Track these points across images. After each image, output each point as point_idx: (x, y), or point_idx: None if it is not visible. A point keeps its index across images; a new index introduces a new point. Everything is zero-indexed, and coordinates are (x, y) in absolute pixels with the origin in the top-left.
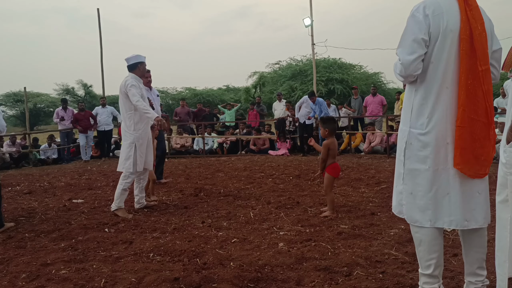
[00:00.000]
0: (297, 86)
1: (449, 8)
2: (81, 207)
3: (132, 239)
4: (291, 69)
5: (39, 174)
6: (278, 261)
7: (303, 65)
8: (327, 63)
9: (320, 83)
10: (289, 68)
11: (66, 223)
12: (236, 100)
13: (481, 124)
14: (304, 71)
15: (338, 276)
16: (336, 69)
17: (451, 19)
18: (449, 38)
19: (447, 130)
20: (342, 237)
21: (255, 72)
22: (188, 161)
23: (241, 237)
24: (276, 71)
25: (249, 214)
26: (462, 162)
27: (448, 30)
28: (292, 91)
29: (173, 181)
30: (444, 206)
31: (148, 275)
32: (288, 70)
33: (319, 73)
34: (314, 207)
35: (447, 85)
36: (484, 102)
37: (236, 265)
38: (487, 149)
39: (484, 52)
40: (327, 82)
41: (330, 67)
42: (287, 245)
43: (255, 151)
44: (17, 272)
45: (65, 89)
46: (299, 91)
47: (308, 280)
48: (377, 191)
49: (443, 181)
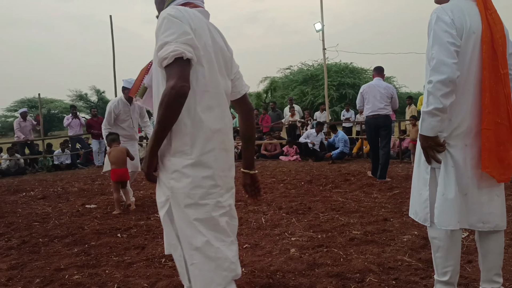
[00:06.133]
0: (309, 90)
1: (470, 10)
2: (94, 212)
3: (144, 244)
4: (302, 74)
5: (53, 179)
6: (290, 267)
7: (314, 70)
8: (339, 68)
9: (332, 87)
10: (300, 73)
11: (79, 228)
12: None
13: (505, 128)
14: (316, 76)
15: (351, 282)
16: (348, 73)
17: (473, 22)
18: (472, 39)
19: (467, 132)
20: (355, 243)
21: (266, 77)
22: None
23: (252, 242)
24: (287, 76)
25: (261, 219)
26: (490, 165)
27: (471, 31)
28: (303, 96)
29: None
30: (462, 207)
31: (160, 280)
32: (300, 75)
33: (331, 77)
34: (326, 212)
35: (469, 87)
36: (506, 106)
37: (247, 271)
38: (510, 153)
39: (504, 55)
40: (338, 86)
41: (341, 71)
42: (299, 251)
43: (266, 156)
44: (31, 277)
45: (78, 95)
46: (311, 96)
47: (320, 286)
48: (390, 197)
49: (462, 183)
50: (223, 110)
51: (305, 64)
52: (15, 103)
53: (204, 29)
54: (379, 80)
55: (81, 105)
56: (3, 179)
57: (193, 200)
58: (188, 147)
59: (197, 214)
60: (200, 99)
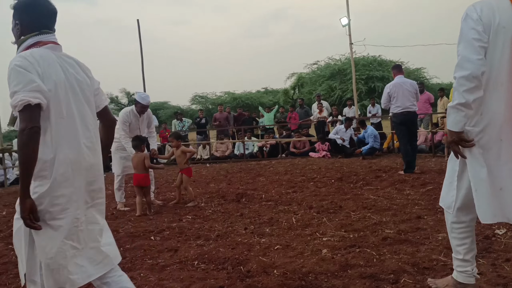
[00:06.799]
0: (336, 85)
1: (500, 5)
2: (127, 215)
3: (177, 247)
4: (330, 68)
5: None
6: (322, 269)
7: (341, 64)
8: (367, 61)
9: (360, 81)
10: (327, 68)
11: (114, 231)
12: (275, 103)
13: None
14: (343, 70)
15: (385, 283)
16: (376, 66)
17: (503, 16)
18: (501, 34)
19: (501, 127)
20: (388, 242)
21: (293, 73)
22: (229, 166)
23: (283, 243)
24: (315, 72)
25: (291, 219)
26: None
27: (500, 26)
28: (331, 91)
29: (215, 186)
30: (498, 201)
31: (193, 283)
32: (327, 70)
33: (359, 71)
34: (357, 211)
35: (501, 82)
36: None
37: (279, 272)
38: None
39: None
40: (367, 80)
41: (369, 65)
42: (331, 252)
43: (295, 154)
44: None
45: (109, 98)
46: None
47: None
48: (423, 193)
49: (496, 177)
50: (80, 134)
51: (332, 59)
52: None
53: (53, 67)
54: (402, 78)
55: (113, 108)
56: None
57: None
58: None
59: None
60: (56, 128)
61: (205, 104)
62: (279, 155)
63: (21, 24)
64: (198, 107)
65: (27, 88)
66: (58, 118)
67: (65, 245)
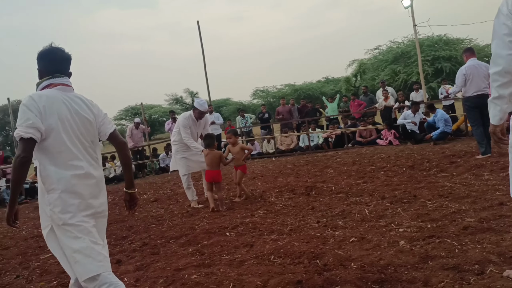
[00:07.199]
0: (400, 69)
1: None
2: (201, 212)
3: (252, 242)
4: (392, 52)
5: (161, 182)
6: (401, 261)
7: (405, 47)
8: (432, 41)
9: (426, 63)
10: (390, 51)
11: (191, 228)
12: (337, 91)
13: None
14: (407, 53)
15: (469, 275)
16: (442, 46)
17: None
18: None
19: None
20: (469, 231)
21: (354, 60)
22: (295, 159)
23: (358, 236)
24: (376, 57)
25: (364, 211)
26: None
27: None
28: (395, 75)
29: (283, 180)
30: None
31: (272, 278)
32: (389, 54)
33: (424, 52)
34: (433, 200)
35: None
36: None
37: (357, 265)
38: None
39: None
40: (433, 61)
41: (435, 45)
42: (409, 243)
43: (362, 143)
44: (155, 278)
45: (174, 98)
46: (403, 75)
47: (436, 280)
48: (503, 178)
49: None
50: (79, 160)
51: (394, 42)
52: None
53: (56, 104)
54: (475, 60)
55: (178, 108)
56: (118, 184)
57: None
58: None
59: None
60: (58, 157)
61: (266, 98)
62: (345, 145)
63: (39, 70)
64: (259, 101)
65: (24, 124)
66: (59, 144)
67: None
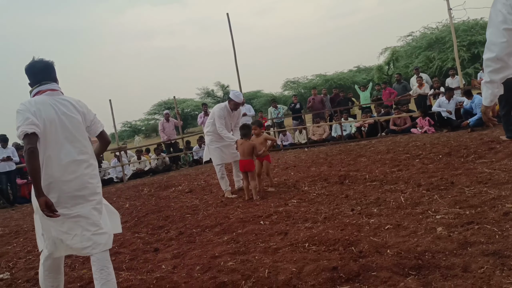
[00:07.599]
0: (435, 55)
1: None
2: (235, 202)
3: (286, 230)
4: (426, 38)
5: (195, 173)
6: (439, 247)
7: (439, 32)
8: (467, 26)
9: (461, 48)
10: (423, 38)
11: (225, 218)
12: (369, 80)
13: None
14: (441, 39)
15: (511, 260)
16: (479, 30)
17: None
18: None
19: None
20: (510, 217)
21: (386, 48)
22: (328, 149)
23: (394, 223)
24: (410, 44)
25: (400, 198)
26: None
27: None
28: (429, 62)
29: (316, 170)
30: None
31: (307, 264)
32: (423, 40)
33: (459, 37)
34: (471, 186)
35: None
36: None
37: (393, 252)
38: None
39: None
40: (469, 46)
41: (471, 29)
42: (447, 230)
43: (396, 131)
44: (192, 265)
45: (206, 92)
46: (438, 61)
47: (476, 266)
48: None
49: None
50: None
51: (428, 28)
52: (153, 106)
53: (44, 108)
54: None
55: (210, 101)
56: (154, 177)
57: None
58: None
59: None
60: (47, 151)
61: (297, 89)
62: (378, 134)
63: (29, 83)
64: (290, 93)
65: (25, 123)
66: (47, 143)
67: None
